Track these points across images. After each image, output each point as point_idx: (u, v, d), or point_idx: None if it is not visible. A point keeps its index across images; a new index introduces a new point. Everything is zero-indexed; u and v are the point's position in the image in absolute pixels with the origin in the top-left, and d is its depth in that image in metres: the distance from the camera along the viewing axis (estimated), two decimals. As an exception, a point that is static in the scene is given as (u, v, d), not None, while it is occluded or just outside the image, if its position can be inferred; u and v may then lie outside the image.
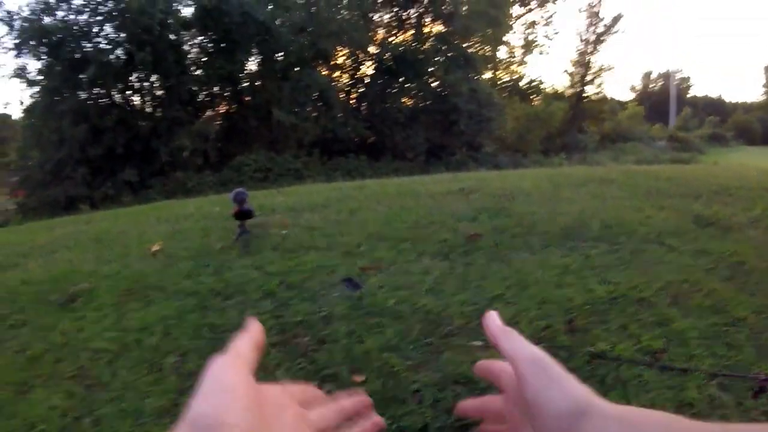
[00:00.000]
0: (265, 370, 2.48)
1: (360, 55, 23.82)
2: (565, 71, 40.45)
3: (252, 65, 22.90)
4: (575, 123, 31.01)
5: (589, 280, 3.21)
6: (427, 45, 23.74)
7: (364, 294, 3.25)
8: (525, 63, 32.71)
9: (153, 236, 5.74)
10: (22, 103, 22.76)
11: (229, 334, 1.47)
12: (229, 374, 0.34)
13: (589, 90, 33.51)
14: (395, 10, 24.86)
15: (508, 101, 27.61)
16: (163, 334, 3.04)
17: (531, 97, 31.33)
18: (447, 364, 2.35)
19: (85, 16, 20.25)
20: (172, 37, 20.54)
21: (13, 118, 26.84)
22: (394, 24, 25.18)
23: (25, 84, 20.94)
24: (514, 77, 32.11)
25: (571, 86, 34.10)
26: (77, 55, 19.69)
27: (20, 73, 20.61)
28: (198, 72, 21.84)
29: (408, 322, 2.82)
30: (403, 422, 2.03)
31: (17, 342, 3.50)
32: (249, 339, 0.39)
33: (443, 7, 23.65)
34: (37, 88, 20.82)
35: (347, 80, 24.67)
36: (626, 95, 62.85)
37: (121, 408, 2.37)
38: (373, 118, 22.01)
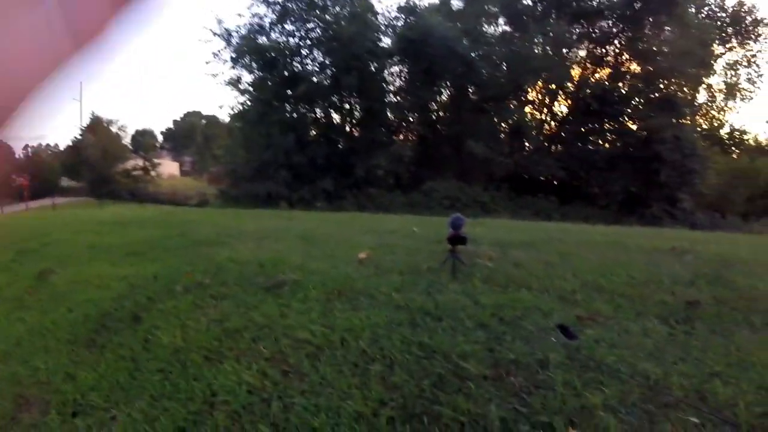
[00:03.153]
0: (475, 402, 2.51)
1: (556, 92, 23.44)
2: None
3: (446, 96, 23.87)
4: (783, 184, 26.80)
5: None
6: (626, 84, 22.59)
7: (581, 345, 3.16)
8: (728, 109, 28.35)
9: (359, 244, 6.04)
10: (232, 108, 26.84)
11: (439, 356, 2.07)
12: None
13: None
14: (591, 46, 23.83)
15: (708, 152, 24.84)
16: (371, 340, 3.09)
17: (732, 149, 27.99)
18: None
19: (296, 39, 23.00)
20: (375, 64, 22.12)
21: (220, 119, 31.17)
22: (590, 61, 24.14)
23: (238, 92, 24.73)
24: (715, 125, 28.66)
25: None
26: (287, 73, 22.35)
27: (234, 82, 24.36)
28: (396, 99, 23.24)
29: (627, 384, 2.69)
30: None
31: (216, 312, 3.76)
32: None
33: (642, 44, 22.14)
34: (247, 97, 24.27)
35: (541, 117, 24.23)
36: None
37: (316, 402, 2.39)
38: (567, 159, 21.37)
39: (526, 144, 21.26)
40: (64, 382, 2.97)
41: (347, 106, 24.53)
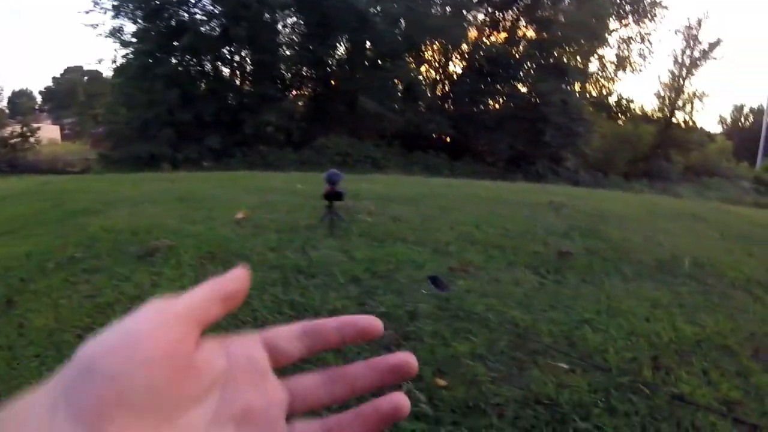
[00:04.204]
0: (343, 357, 2.34)
1: (451, 53, 23.67)
2: (656, 93, 38.07)
3: (342, 51, 23.36)
4: (661, 149, 29.43)
5: (677, 318, 3.04)
6: (520, 49, 23.28)
7: (452, 295, 3.17)
8: (617, 79, 30.69)
9: (240, 204, 5.82)
10: (114, 62, 23.97)
11: (310, 313, 1.94)
12: (144, 319, 0.27)
13: (679, 116, 31.29)
14: (490, 10, 24.34)
15: (595, 117, 26.52)
16: (243, 303, 3.05)
17: (619, 115, 30.11)
18: (532, 382, 2.25)
19: (183, -14, 21.07)
20: (267, 15, 21.16)
21: (104, 75, 28.41)
22: (488, 24, 24.66)
23: (119, 45, 22.37)
24: (603, 93, 30.82)
25: (660, 110, 31.93)
26: (173, 23, 20.81)
27: (116, 33, 22.02)
28: (289, 52, 22.38)
29: (496, 333, 2.72)
30: (479, 436, 1.94)
31: (88, 287, 3.54)
32: (213, 288, 0.30)
33: (540, 12, 23.00)
34: (130, 50, 22.09)
35: (435, 76, 24.50)
36: (714, 127, 58.65)
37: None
38: (458, 118, 21.70)
39: (420, 102, 21.09)
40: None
41: (237, 59, 23.32)
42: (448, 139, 22.13)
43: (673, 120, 31.10)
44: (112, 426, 0.23)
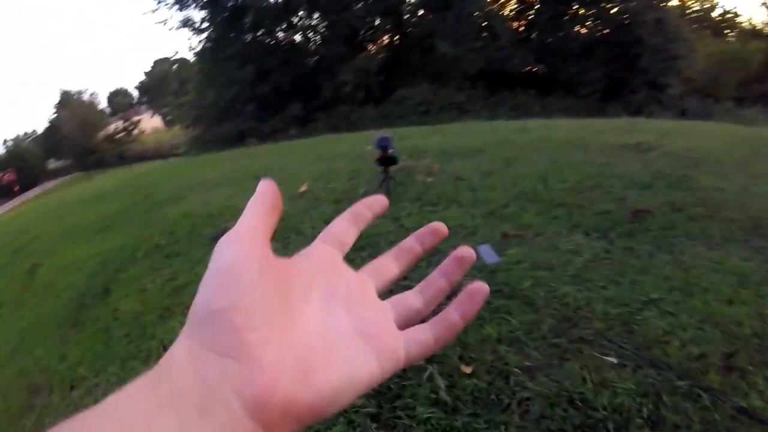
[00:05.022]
0: None
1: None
2: (764, 4, 33.29)
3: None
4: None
5: (767, 302, 2.48)
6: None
7: (499, 266, 2.91)
8: None
9: (305, 175, 5.87)
10: (192, 48, 25.03)
11: None
12: (226, 254, 0.30)
13: None
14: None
15: (699, 36, 23.38)
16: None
17: (725, 32, 26.70)
18: (568, 377, 1.98)
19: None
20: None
21: (191, 61, 29.69)
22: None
23: (193, 33, 23.28)
24: (705, 6, 27.29)
25: None
26: (234, 3, 21.10)
27: (186, 23, 23.05)
28: (359, 6, 21.76)
29: (539, 314, 2.43)
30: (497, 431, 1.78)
31: (170, 271, 3.90)
32: (259, 204, 0.34)
33: None
34: (204, 36, 23.02)
35: (514, 5, 22.48)
36: None
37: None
38: (543, 49, 20.02)
39: (500, 37, 19.54)
40: (60, 362, 3.17)
41: (307, 24, 23.23)
42: (537, 73, 20.57)
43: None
44: (252, 335, 0.26)
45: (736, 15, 27.45)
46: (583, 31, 20.73)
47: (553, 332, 2.30)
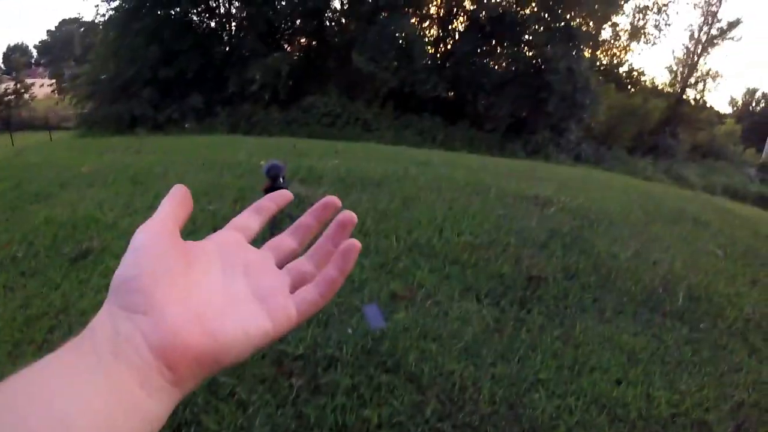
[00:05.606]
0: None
1: (454, 9, 22.25)
2: (668, 68, 36.45)
3: (337, 3, 22.04)
4: (669, 126, 28.26)
5: (655, 380, 2.53)
6: (527, 10, 21.85)
7: (385, 332, 2.68)
8: (630, 50, 28.93)
9: (190, 186, 5.26)
10: (103, 15, 22.47)
11: None
12: (139, 236, 0.33)
13: (690, 93, 29.87)
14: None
15: (605, 88, 25.23)
16: None
17: (629, 86, 28.86)
18: None
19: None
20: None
21: (101, 27, 26.94)
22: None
23: None
24: (614, 62, 29.42)
25: (671, 85, 30.46)
26: None
27: None
28: (283, 2, 21.13)
29: (425, 394, 2.26)
30: None
31: (22, 294, 3.29)
32: (171, 201, 0.37)
33: None
34: (116, 2, 20.92)
35: (436, 33, 22.96)
36: (724, 108, 56.62)
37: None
38: (456, 79, 20.40)
39: (417, 61, 19.67)
40: None
41: (223, 11, 22.09)
42: (446, 100, 20.82)
43: (684, 97, 29.88)
44: (157, 294, 0.30)
45: (642, 73, 29.27)
46: (498, 68, 21.43)
47: (437, 415, 2.15)
